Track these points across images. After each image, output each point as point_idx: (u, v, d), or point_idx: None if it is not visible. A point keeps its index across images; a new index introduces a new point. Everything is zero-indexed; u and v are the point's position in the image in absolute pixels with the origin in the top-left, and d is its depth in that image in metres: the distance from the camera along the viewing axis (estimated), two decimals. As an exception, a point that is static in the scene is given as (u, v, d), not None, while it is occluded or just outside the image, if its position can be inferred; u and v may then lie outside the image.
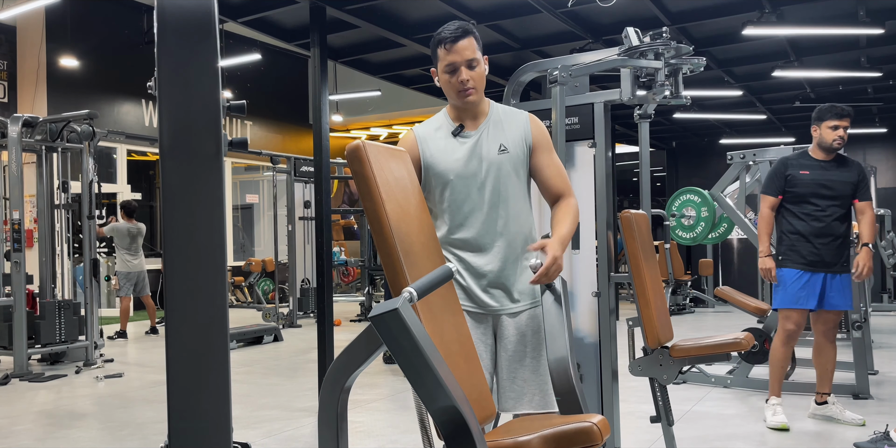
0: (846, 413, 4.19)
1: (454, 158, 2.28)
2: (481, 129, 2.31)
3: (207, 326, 1.78)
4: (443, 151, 2.29)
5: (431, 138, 2.31)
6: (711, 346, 3.07)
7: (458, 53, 2.21)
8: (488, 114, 2.34)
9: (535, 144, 2.33)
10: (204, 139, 1.78)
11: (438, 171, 2.28)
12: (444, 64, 2.24)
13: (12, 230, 6.23)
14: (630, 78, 3.18)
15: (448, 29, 2.23)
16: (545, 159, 2.33)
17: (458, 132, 2.30)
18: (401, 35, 6.48)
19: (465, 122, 2.32)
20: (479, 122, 2.32)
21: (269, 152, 9.74)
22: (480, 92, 2.29)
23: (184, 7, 1.77)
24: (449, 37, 2.21)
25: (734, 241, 12.51)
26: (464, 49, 2.21)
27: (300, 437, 4.18)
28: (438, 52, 2.24)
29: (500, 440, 1.69)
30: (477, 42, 2.25)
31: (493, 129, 2.31)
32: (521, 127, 2.33)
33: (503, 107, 2.40)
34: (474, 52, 2.23)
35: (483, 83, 2.29)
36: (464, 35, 2.21)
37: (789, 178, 4.13)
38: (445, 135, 2.31)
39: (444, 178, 2.27)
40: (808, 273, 4.08)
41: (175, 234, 1.77)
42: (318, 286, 5.47)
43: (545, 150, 2.34)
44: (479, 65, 2.26)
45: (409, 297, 1.43)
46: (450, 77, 2.25)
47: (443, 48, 2.23)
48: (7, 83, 10.53)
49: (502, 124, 2.33)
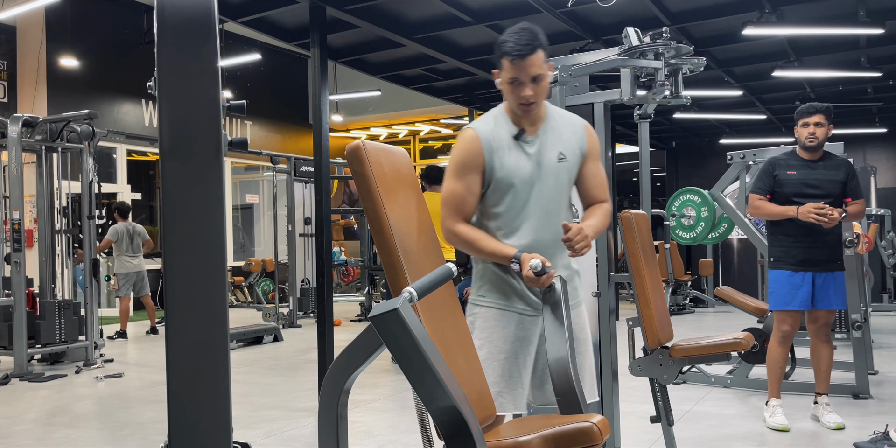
0: (827, 415, 4.16)
1: (519, 164, 2.24)
2: (540, 134, 2.28)
3: (207, 326, 1.78)
4: (508, 155, 2.24)
5: (495, 140, 2.25)
6: (711, 346, 3.07)
7: (524, 70, 2.14)
8: (545, 118, 2.30)
9: (589, 153, 2.33)
10: (204, 139, 1.78)
11: (503, 175, 2.23)
12: (509, 76, 2.18)
13: (12, 230, 6.23)
14: (630, 78, 3.18)
15: (516, 41, 2.13)
16: (594, 168, 2.34)
17: (520, 136, 2.26)
18: (401, 35, 6.48)
19: (524, 125, 2.28)
20: (537, 127, 2.29)
21: (269, 152, 9.74)
22: (541, 102, 2.25)
23: (184, 7, 1.77)
24: (516, 52, 2.13)
25: (734, 241, 12.51)
26: (530, 66, 2.14)
27: (300, 437, 4.18)
28: (503, 63, 2.17)
29: (500, 440, 1.69)
30: (545, 52, 2.17)
31: (552, 136, 2.29)
32: (578, 135, 2.32)
33: (559, 111, 2.37)
34: (541, 67, 2.16)
35: (546, 93, 2.25)
36: (532, 52, 2.13)
37: (777, 178, 4.14)
38: (508, 138, 2.26)
39: (507, 183, 2.24)
40: (799, 273, 4.09)
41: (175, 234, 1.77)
42: (318, 286, 5.47)
43: (595, 160, 2.35)
44: (545, 78, 2.20)
45: (409, 297, 1.43)
46: (512, 88, 2.20)
47: (510, 62, 2.15)
48: (7, 83, 10.53)
49: (560, 131, 2.30)
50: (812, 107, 4.12)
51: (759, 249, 6.05)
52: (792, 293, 4.09)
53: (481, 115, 2.42)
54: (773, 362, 4.22)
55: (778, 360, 4.21)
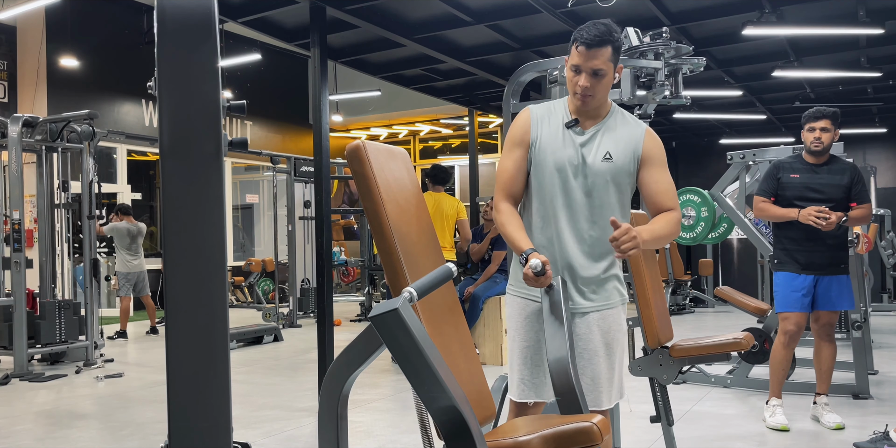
0: (826, 415, 4.17)
1: (558, 150, 2.25)
2: (595, 130, 2.27)
3: (207, 326, 1.78)
4: (552, 139, 2.26)
5: (546, 122, 2.28)
6: (711, 346, 3.07)
7: (587, 59, 2.17)
8: (605, 117, 2.29)
9: (646, 158, 2.27)
10: (204, 139, 1.78)
11: (541, 158, 2.25)
12: (572, 62, 2.21)
13: (12, 230, 6.23)
14: (630, 78, 3.18)
15: (590, 30, 2.18)
16: (655, 175, 2.27)
17: (571, 125, 2.26)
18: (401, 35, 6.48)
19: (581, 118, 2.27)
20: (595, 122, 2.28)
21: (269, 152, 9.73)
22: (599, 99, 2.24)
23: (184, 7, 1.77)
24: (586, 40, 2.16)
25: (734, 241, 12.50)
26: (593, 57, 2.16)
27: (300, 437, 4.18)
28: (572, 49, 2.21)
29: (500, 440, 1.69)
30: (614, 52, 2.19)
31: (606, 135, 2.27)
32: (635, 139, 2.27)
33: (625, 114, 2.35)
34: (605, 62, 2.18)
35: (605, 92, 2.24)
36: (600, 44, 2.16)
37: (780, 181, 4.17)
38: (559, 123, 2.27)
39: (543, 167, 2.25)
40: (802, 276, 4.12)
41: (175, 234, 1.77)
42: (318, 286, 5.47)
43: (655, 166, 2.28)
44: (608, 75, 2.20)
45: (409, 297, 1.43)
46: (573, 75, 2.22)
47: (576, 47, 2.19)
48: (7, 83, 10.53)
49: (616, 132, 2.28)
50: (819, 111, 4.12)
51: (759, 249, 6.05)
52: (795, 295, 4.11)
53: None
54: (776, 363, 4.22)
55: (781, 361, 4.21)
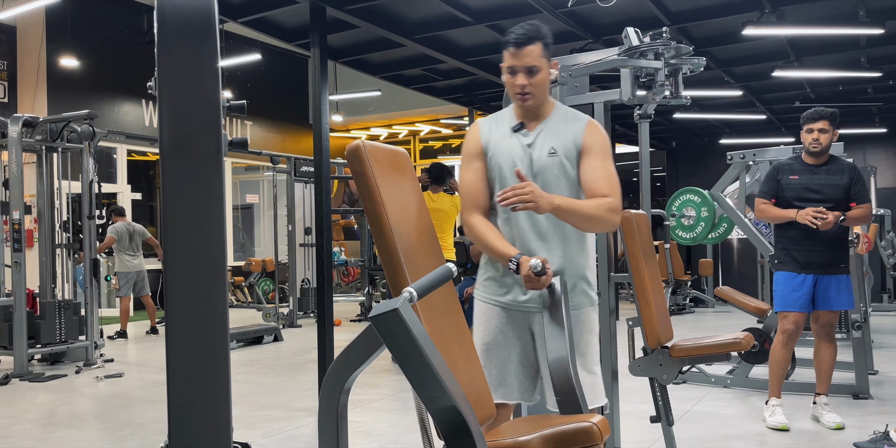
0: (826, 415, 4.17)
1: (508, 154, 2.31)
2: (538, 130, 2.33)
3: (207, 326, 1.78)
4: (501, 146, 2.33)
5: (494, 131, 2.36)
6: (711, 346, 3.07)
7: (520, 59, 2.23)
8: (549, 116, 2.35)
9: (585, 148, 2.31)
10: (204, 139, 1.78)
11: (494, 163, 2.32)
12: (506, 65, 2.27)
13: (12, 230, 6.23)
14: (630, 78, 3.18)
15: (517, 31, 2.24)
16: (593, 162, 2.30)
17: (517, 129, 2.33)
18: (401, 35, 6.48)
19: (526, 120, 2.34)
20: (538, 122, 2.34)
21: (269, 152, 9.73)
22: (539, 97, 2.30)
23: (184, 7, 1.77)
24: (513, 40, 2.23)
25: (734, 241, 12.51)
26: (526, 55, 2.22)
27: (300, 437, 4.18)
28: (504, 52, 2.26)
29: (500, 440, 1.69)
30: (545, 48, 2.25)
31: (549, 132, 2.33)
32: (576, 131, 2.32)
33: (568, 110, 2.40)
34: (537, 58, 2.23)
35: (543, 89, 2.30)
36: (529, 42, 2.21)
37: (780, 183, 4.19)
38: (506, 130, 2.35)
39: (498, 171, 2.32)
40: (801, 275, 4.13)
41: (175, 234, 1.77)
42: (318, 286, 5.47)
43: (594, 155, 2.30)
44: (542, 71, 2.25)
45: (409, 297, 1.43)
46: (510, 78, 2.28)
47: (507, 50, 2.25)
48: (7, 83, 10.52)
49: (559, 128, 2.33)
50: (816, 112, 4.12)
51: (759, 249, 6.05)
52: (794, 295, 4.12)
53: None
54: (776, 363, 4.23)
55: (780, 360, 4.22)
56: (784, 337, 4.17)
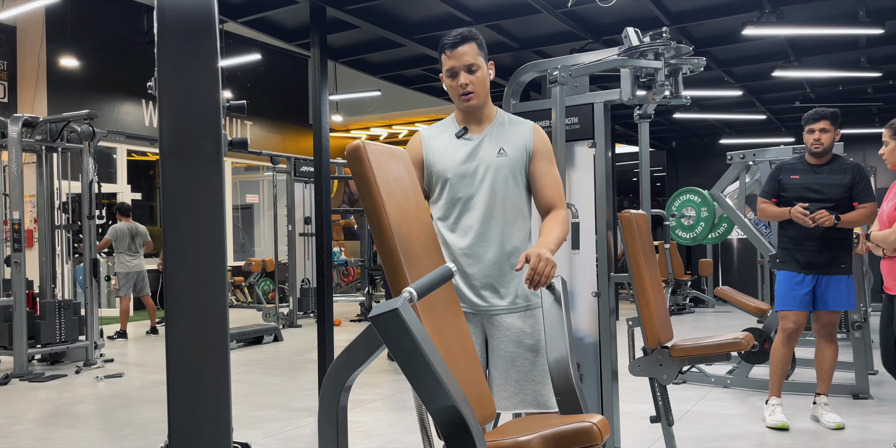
0: (826, 415, 4.18)
1: (454, 158, 2.35)
2: (485, 133, 2.38)
3: (207, 326, 1.78)
4: (444, 151, 2.36)
5: (435, 139, 2.40)
6: (711, 346, 3.07)
7: (458, 59, 2.31)
8: (494, 119, 2.41)
9: (535, 152, 2.37)
10: (204, 139, 1.78)
11: (438, 169, 2.35)
12: (446, 68, 2.34)
13: (12, 230, 6.23)
14: (630, 78, 3.18)
15: (450, 35, 2.33)
16: (543, 168, 2.37)
17: (461, 134, 2.38)
18: (401, 35, 6.48)
19: (469, 125, 2.40)
20: (483, 126, 2.40)
21: (269, 152, 9.74)
22: (482, 96, 2.36)
23: (184, 7, 1.77)
24: (449, 43, 2.32)
25: (734, 241, 12.50)
26: (463, 54, 2.30)
27: (300, 437, 4.18)
28: (442, 58, 2.35)
29: (500, 440, 1.69)
30: (479, 48, 2.34)
31: (496, 134, 2.38)
32: (524, 134, 2.39)
33: (511, 116, 2.47)
34: (474, 57, 2.32)
35: (485, 88, 2.36)
36: (463, 41, 2.30)
37: (781, 183, 4.21)
38: (449, 136, 2.40)
39: (442, 177, 2.34)
40: (801, 275, 4.14)
41: (175, 234, 1.77)
42: (318, 286, 5.47)
43: (544, 160, 2.38)
44: (481, 69, 2.33)
45: (409, 297, 1.43)
46: (451, 81, 2.34)
47: (444, 54, 2.33)
48: (7, 83, 10.52)
49: (506, 130, 2.39)
50: (817, 113, 4.14)
51: (759, 249, 6.05)
52: (794, 294, 4.14)
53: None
54: (776, 361, 4.24)
55: (780, 359, 4.22)
56: (784, 336, 4.18)
